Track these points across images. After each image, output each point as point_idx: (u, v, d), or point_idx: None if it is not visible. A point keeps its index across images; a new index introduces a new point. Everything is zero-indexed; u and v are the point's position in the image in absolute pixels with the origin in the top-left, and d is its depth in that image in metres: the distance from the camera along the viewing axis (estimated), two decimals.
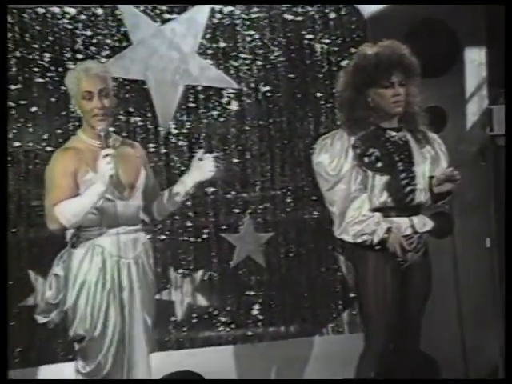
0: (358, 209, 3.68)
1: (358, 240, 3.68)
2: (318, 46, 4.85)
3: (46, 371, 4.44)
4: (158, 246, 4.48)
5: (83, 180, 3.59)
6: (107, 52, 4.55)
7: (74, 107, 3.71)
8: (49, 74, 4.46)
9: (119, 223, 3.63)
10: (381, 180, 3.71)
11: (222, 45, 4.72)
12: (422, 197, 3.76)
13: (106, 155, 3.50)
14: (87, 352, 3.63)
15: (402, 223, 3.72)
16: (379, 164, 3.71)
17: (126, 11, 4.57)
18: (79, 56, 4.49)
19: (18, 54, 4.41)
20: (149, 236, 3.82)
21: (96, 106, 3.60)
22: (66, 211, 3.54)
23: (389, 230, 3.64)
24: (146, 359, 3.68)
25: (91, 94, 3.61)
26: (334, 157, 3.72)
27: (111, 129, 3.75)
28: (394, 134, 3.77)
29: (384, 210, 3.72)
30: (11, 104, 4.40)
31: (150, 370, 3.70)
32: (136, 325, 3.65)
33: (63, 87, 4.45)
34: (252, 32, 4.77)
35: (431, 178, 3.77)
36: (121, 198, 3.65)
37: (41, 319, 3.71)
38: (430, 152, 3.82)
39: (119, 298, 3.61)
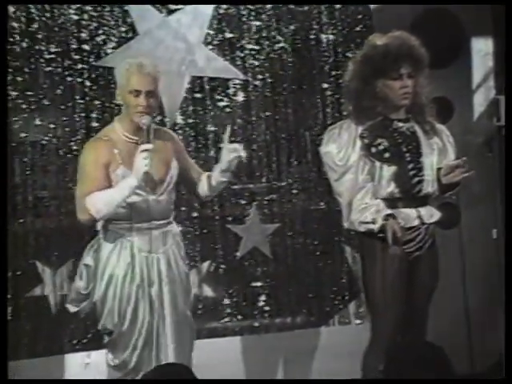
0: (362, 198, 3.67)
1: (362, 229, 3.67)
2: (323, 37, 4.84)
3: (52, 362, 4.45)
4: None
5: (115, 173, 3.57)
6: (113, 43, 4.54)
7: (117, 97, 3.66)
8: (55, 65, 4.46)
9: (149, 218, 3.61)
10: (388, 170, 3.70)
11: (228, 35, 4.71)
12: (429, 188, 3.75)
13: (144, 150, 3.48)
14: (116, 345, 3.64)
15: (409, 214, 3.71)
16: (387, 154, 3.70)
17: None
18: (85, 47, 4.48)
19: (24, 44, 4.40)
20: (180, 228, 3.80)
21: (142, 103, 3.57)
22: (97, 203, 3.53)
23: (387, 217, 3.62)
24: (174, 354, 3.63)
25: (139, 92, 3.58)
26: (341, 147, 3.71)
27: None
28: (401, 124, 3.76)
29: (391, 201, 3.71)
30: (17, 95, 4.40)
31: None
32: (165, 320, 3.63)
33: (69, 78, 4.48)
34: (258, 22, 4.76)
35: (439, 169, 3.76)
36: (152, 193, 3.63)
37: (72, 308, 3.71)
38: (437, 143, 3.81)
39: (148, 293, 3.61)
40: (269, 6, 4.76)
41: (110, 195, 3.54)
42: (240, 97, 4.76)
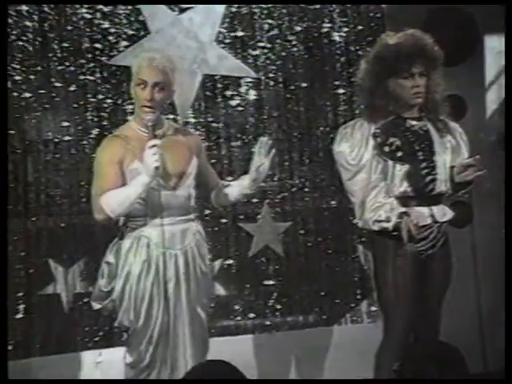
0: (375, 197, 3.67)
1: (376, 228, 3.66)
2: (335, 35, 4.83)
3: (65, 360, 4.46)
4: None
5: (129, 169, 3.56)
6: (125, 41, 4.55)
7: (131, 91, 3.65)
8: (67, 64, 4.47)
9: (167, 214, 3.59)
10: (401, 169, 3.69)
11: (240, 34, 4.71)
12: (442, 186, 3.74)
13: (152, 146, 3.47)
14: (131, 342, 3.65)
15: (422, 212, 3.70)
16: (399, 153, 3.69)
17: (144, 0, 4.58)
18: (97, 46, 4.49)
19: (36, 43, 4.41)
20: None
21: (146, 97, 3.55)
22: (111, 201, 3.53)
23: (402, 216, 3.61)
24: (190, 353, 3.62)
25: (145, 84, 3.56)
26: (354, 146, 3.70)
27: (165, 118, 3.71)
28: (414, 123, 3.75)
29: (404, 200, 3.70)
30: (30, 93, 4.41)
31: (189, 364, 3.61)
32: (181, 318, 3.63)
33: (81, 77, 4.49)
34: (270, 21, 4.75)
35: (452, 167, 3.75)
36: (167, 187, 3.61)
37: (95, 305, 3.72)
38: (450, 142, 3.80)
39: (164, 290, 3.59)
40: (280, 5, 4.76)
41: (124, 194, 3.53)
42: (252, 95, 4.76)
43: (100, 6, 4.51)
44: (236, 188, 3.81)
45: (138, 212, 3.60)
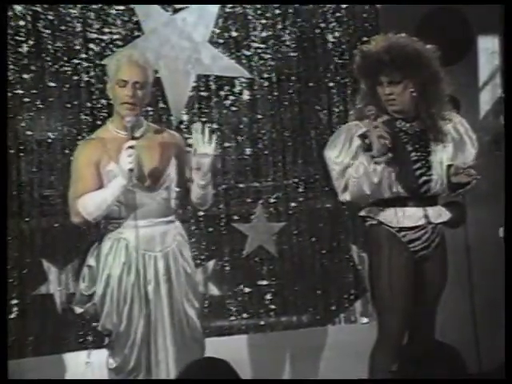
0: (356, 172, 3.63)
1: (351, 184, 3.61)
2: (329, 36, 4.84)
3: (58, 360, 4.45)
4: None
5: (105, 171, 3.55)
6: (119, 41, 4.55)
7: (107, 92, 3.65)
8: (61, 63, 4.47)
9: (143, 215, 3.57)
10: (392, 171, 3.67)
11: (234, 34, 4.72)
12: (438, 187, 3.71)
13: (129, 147, 3.45)
14: (114, 347, 3.62)
15: (415, 213, 3.69)
16: (389, 155, 3.67)
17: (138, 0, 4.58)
18: (91, 45, 4.49)
19: (30, 42, 4.41)
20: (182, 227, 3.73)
21: (127, 94, 3.54)
22: (88, 205, 3.52)
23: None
24: (171, 356, 3.60)
25: (125, 83, 3.55)
26: (339, 150, 3.68)
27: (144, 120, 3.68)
28: (408, 124, 3.73)
29: (399, 200, 3.69)
30: (24, 93, 4.41)
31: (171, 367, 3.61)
32: (162, 320, 3.60)
33: (75, 77, 4.49)
34: (264, 21, 4.76)
35: (449, 166, 3.72)
36: (143, 189, 3.58)
37: (77, 309, 3.69)
38: (453, 138, 3.75)
39: (144, 292, 3.57)
40: (274, 5, 4.76)
41: (100, 196, 3.52)
42: (246, 95, 4.76)
43: (94, 6, 4.51)
44: (195, 188, 3.69)
45: (116, 214, 3.59)
